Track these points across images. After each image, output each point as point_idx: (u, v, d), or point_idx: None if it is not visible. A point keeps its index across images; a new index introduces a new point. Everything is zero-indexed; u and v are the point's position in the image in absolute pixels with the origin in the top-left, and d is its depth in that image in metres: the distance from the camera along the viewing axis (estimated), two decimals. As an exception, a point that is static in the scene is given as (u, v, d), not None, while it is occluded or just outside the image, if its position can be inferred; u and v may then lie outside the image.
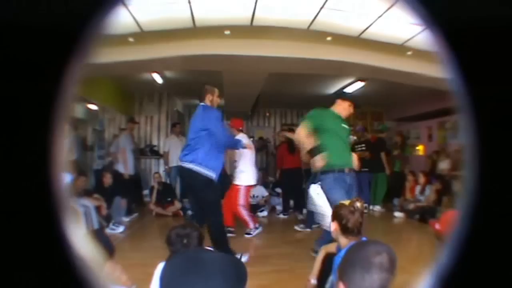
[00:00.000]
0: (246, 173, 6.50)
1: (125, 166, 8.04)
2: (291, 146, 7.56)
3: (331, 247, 2.96)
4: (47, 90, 0.62)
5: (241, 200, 6.45)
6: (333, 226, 2.65)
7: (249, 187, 6.68)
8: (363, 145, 9.04)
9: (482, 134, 0.61)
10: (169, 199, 8.60)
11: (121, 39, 5.85)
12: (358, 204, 2.66)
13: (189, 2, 5.09)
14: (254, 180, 6.72)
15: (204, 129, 4.61)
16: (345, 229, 2.58)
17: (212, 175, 4.61)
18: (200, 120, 4.70)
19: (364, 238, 2.60)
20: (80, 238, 0.65)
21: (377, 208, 9.31)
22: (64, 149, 0.65)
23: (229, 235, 6.06)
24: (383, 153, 9.21)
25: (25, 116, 0.62)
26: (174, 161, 8.79)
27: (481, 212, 0.61)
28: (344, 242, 2.57)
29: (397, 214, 8.47)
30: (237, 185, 6.49)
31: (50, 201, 0.62)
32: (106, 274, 2.16)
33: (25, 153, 0.62)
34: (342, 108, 4.59)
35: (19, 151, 0.62)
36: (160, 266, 2.36)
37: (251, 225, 6.43)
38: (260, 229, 6.52)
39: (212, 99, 4.77)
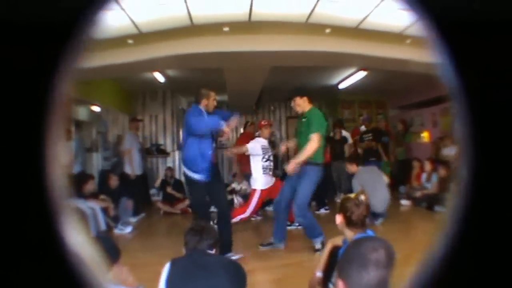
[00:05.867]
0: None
1: (131, 166, 8.07)
2: None
3: (338, 240, 2.97)
4: (40, 91, 0.62)
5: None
6: (338, 219, 2.69)
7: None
8: (370, 134, 9.00)
9: (475, 122, 0.61)
10: (179, 195, 8.64)
11: (120, 42, 5.85)
12: (362, 197, 2.70)
13: (185, 1, 5.08)
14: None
15: (187, 133, 4.76)
16: (349, 222, 2.62)
17: (194, 176, 4.69)
18: (184, 125, 4.90)
19: (369, 231, 2.62)
20: (80, 240, 0.65)
21: None
22: (62, 150, 0.65)
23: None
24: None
25: (20, 117, 0.62)
26: None
27: (476, 203, 0.62)
28: (350, 234, 2.61)
29: (404, 202, 8.45)
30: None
31: (46, 203, 0.62)
32: (113, 276, 2.18)
33: (20, 154, 0.62)
34: None
35: (13, 153, 0.62)
36: (168, 266, 2.39)
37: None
38: None
39: (207, 103, 4.78)
